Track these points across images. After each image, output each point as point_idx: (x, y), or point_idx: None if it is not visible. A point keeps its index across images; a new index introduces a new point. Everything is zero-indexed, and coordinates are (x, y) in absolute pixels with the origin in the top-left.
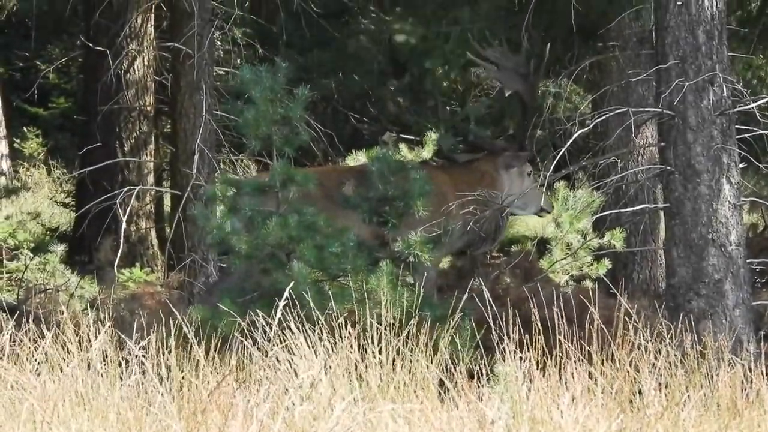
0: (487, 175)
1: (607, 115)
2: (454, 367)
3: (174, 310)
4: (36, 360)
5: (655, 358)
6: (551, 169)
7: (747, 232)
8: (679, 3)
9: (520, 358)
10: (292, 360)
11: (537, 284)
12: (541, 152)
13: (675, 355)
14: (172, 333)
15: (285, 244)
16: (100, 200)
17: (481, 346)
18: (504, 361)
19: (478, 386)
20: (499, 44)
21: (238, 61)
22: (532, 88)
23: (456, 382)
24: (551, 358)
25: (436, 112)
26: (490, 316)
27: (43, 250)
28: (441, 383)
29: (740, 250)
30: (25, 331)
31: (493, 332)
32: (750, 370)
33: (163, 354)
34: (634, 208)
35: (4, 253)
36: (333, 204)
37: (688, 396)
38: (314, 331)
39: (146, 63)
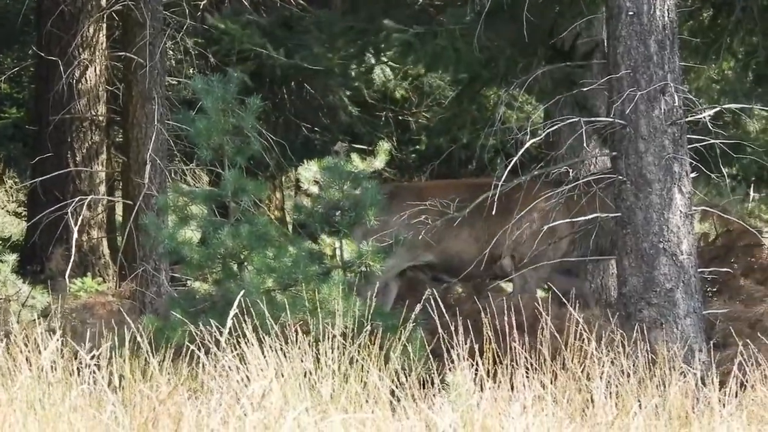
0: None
1: (559, 125)
2: (406, 377)
3: (126, 319)
4: None
5: (608, 365)
6: (503, 179)
7: (698, 241)
8: (630, 13)
9: (472, 367)
10: (244, 369)
11: (489, 294)
12: (493, 161)
13: (627, 364)
14: (126, 342)
15: (236, 254)
16: (52, 210)
17: (431, 356)
18: (455, 370)
19: (430, 395)
20: None
21: (190, 71)
22: None
23: (407, 392)
24: (502, 367)
25: (388, 122)
26: (441, 326)
27: None
28: (392, 392)
29: (691, 259)
30: None
31: (445, 341)
32: (701, 379)
33: (116, 363)
34: (586, 218)
35: None
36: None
37: (639, 405)
38: (267, 340)
39: (98, 72)
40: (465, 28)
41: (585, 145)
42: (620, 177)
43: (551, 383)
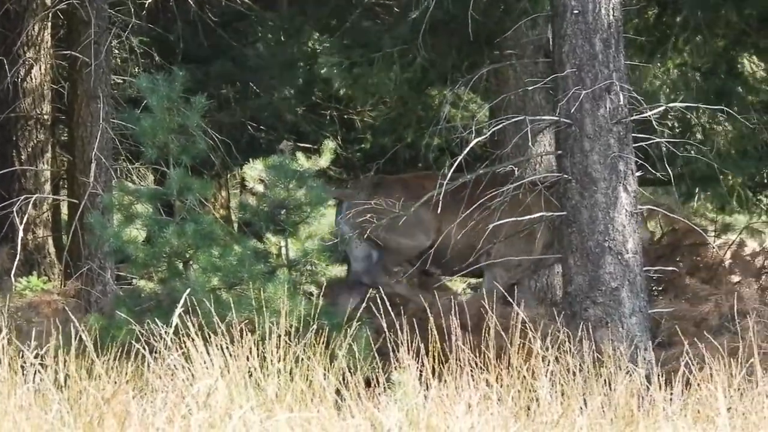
0: None
1: (504, 124)
2: (351, 376)
3: (72, 317)
4: None
5: (553, 364)
6: (447, 178)
7: (646, 241)
8: (575, 12)
9: (417, 366)
10: (189, 368)
11: (434, 293)
12: (438, 160)
13: (572, 363)
14: (72, 341)
15: (182, 253)
16: None
17: (377, 355)
18: (401, 369)
19: (375, 394)
20: None
21: (136, 70)
22: None
23: (353, 391)
24: (448, 366)
25: (333, 120)
26: (387, 325)
27: None
28: (338, 391)
29: (637, 258)
30: None
31: (390, 341)
32: (646, 377)
33: (61, 362)
34: (531, 216)
35: None
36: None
37: (585, 404)
38: (212, 339)
39: (43, 71)
40: (407, 44)
41: (530, 144)
42: (565, 176)
43: (496, 382)
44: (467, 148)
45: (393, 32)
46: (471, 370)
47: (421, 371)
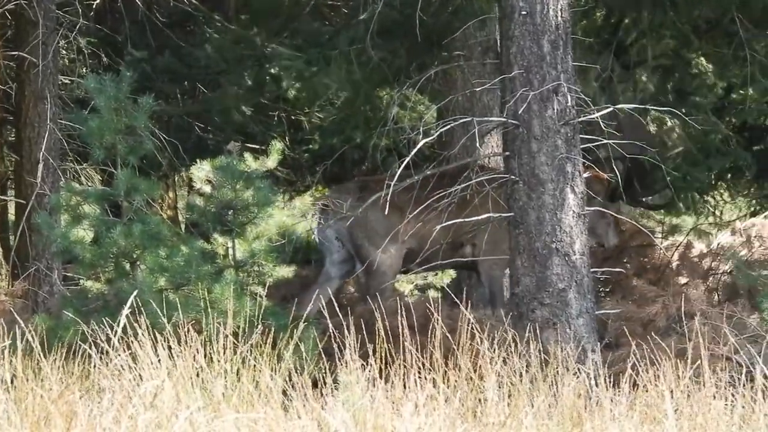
0: None
1: (452, 125)
2: (298, 376)
3: (18, 318)
4: None
5: (500, 365)
6: (395, 179)
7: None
8: (524, 13)
9: (364, 366)
10: (136, 368)
11: (382, 293)
12: (386, 161)
13: (519, 364)
14: (18, 341)
15: (129, 253)
16: None
17: (324, 356)
18: (347, 369)
19: (322, 395)
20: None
21: (83, 70)
22: None
23: (300, 391)
24: (395, 367)
25: (281, 121)
26: (334, 325)
27: None
28: (285, 392)
29: (584, 260)
30: None
31: (337, 341)
32: (593, 378)
33: (7, 362)
34: (479, 218)
35: None
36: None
37: (532, 404)
38: (159, 339)
39: None
40: (359, 39)
41: (478, 145)
42: (513, 177)
43: (443, 383)
44: (415, 149)
45: (343, 34)
46: (418, 371)
47: (368, 372)
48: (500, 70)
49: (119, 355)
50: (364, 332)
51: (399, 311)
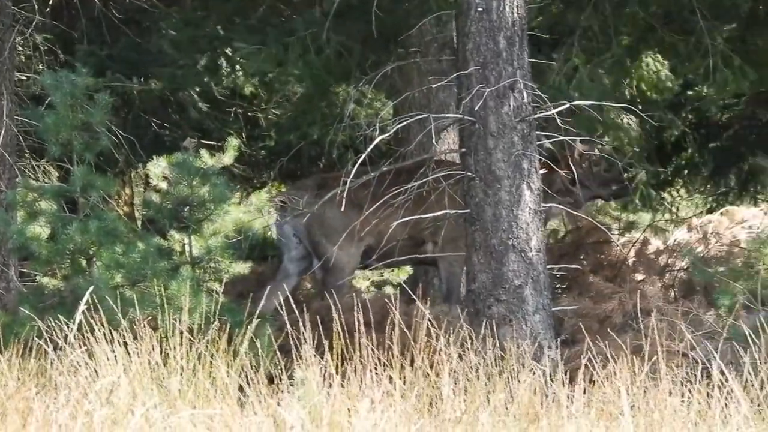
0: None
1: (408, 121)
2: (254, 373)
3: None
4: None
5: (456, 361)
6: (352, 175)
7: (547, 238)
8: (480, 9)
9: (320, 363)
10: (92, 364)
11: (339, 290)
12: (342, 158)
13: (475, 360)
14: None
15: (85, 249)
16: None
17: (280, 352)
18: (303, 366)
19: (278, 391)
20: None
21: (40, 67)
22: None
23: (256, 388)
24: (351, 364)
25: (237, 118)
26: (290, 322)
27: None
28: (241, 388)
29: (540, 256)
30: None
31: (293, 338)
32: (550, 375)
33: None
34: (435, 214)
35: None
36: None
37: (488, 401)
38: (115, 336)
39: None
40: (316, 32)
41: (434, 141)
42: (469, 173)
43: (400, 379)
44: (371, 146)
45: (299, 24)
46: (375, 367)
47: (324, 368)
48: (456, 67)
49: (75, 351)
50: (321, 329)
51: (356, 308)
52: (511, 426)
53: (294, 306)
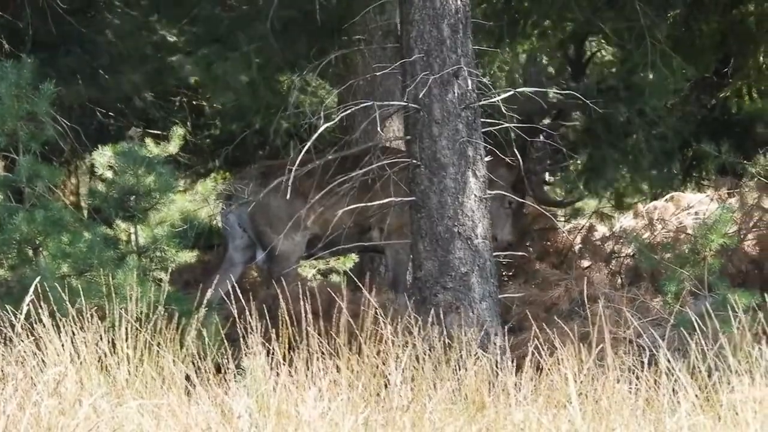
0: None
1: (353, 109)
2: (201, 362)
3: None
4: None
5: (403, 349)
6: (297, 164)
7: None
8: None
9: (267, 352)
10: (40, 355)
11: (285, 278)
12: (287, 146)
13: (422, 348)
14: None
15: (32, 239)
16: None
17: (226, 341)
18: (250, 355)
19: (225, 381)
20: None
21: None
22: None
23: (203, 377)
24: (298, 352)
25: (182, 107)
26: (237, 310)
27: None
28: (188, 377)
29: (486, 243)
30: None
31: (240, 327)
32: (496, 363)
33: None
34: (381, 202)
35: None
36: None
37: (435, 389)
38: (62, 325)
39: None
40: (259, 21)
41: (379, 129)
42: (414, 161)
43: (347, 368)
44: (316, 134)
45: (243, 21)
46: (321, 356)
47: (271, 357)
48: (401, 55)
49: (23, 341)
50: (267, 318)
51: (302, 296)
52: (458, 414)
53: (240, 295)
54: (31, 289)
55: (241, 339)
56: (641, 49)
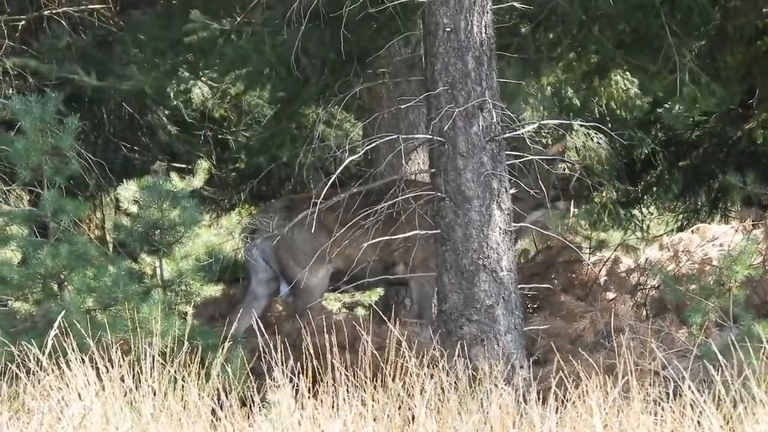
0: None
1: (378, 142)
2: (226, 396)
3: None
4: None
5: (428, 382)
6: (321, 197)
7: (518, 258)
8: (448, 29)
9: (292, 385)
10: (65, 389)
11: (309, 312)
12: (312, 179)
13: (447, 381)
14: None
15: (57, 274)
16: None
17: (252, 375)
18: (275, 388)
19: (250, 414)
20: None
21: (9, 91)
22: None
23: (228, 410)
24: (323, 385)
25: (207, 140)
26: (262, 345)
27: None
28: (213, 411)
29: (512, 276)
30: None
31: (265, 360)
32: (522, 395)
33: None
34: (406, 235)
35: None
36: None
37: (461, 421)
38: (87, 360)
39: None
40: (285, 54)
41: (404, 162)
42: (439, 194)
43: (372, 400)
44: (341, 167)
45: (265, 53)
46: (347, 389)
47: (296, 390)
48: (425, 87)
49: (48, 376)
50: (290, 351)
51: (327, 329)
52: None
53: (264, 329)
54: (56, 324)
55: (266, 372)
56: (665, 77)
